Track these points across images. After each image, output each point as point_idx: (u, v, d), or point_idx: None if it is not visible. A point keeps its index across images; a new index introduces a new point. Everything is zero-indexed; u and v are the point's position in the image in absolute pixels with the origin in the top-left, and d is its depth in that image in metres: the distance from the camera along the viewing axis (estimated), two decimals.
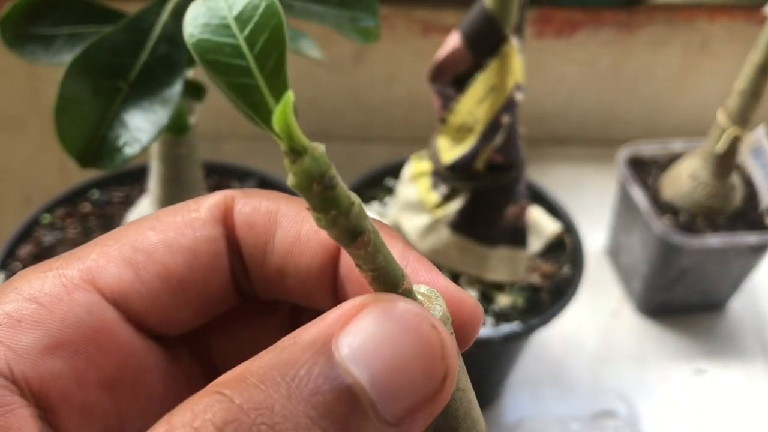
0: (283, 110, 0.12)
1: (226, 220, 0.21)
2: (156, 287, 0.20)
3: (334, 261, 0.21)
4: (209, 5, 0.13)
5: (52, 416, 0.18)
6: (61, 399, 0.18)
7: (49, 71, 0.38)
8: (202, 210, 0.21)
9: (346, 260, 0.20)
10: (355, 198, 0.14)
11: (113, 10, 0.39)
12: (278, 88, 0.13)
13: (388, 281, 0.16)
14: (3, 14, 0.36)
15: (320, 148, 0.13)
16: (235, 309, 0.23)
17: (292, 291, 0.21)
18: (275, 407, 0.14)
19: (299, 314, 0.24)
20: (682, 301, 0.65)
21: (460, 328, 0.19)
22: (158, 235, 0.20)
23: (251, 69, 0.13)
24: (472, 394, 0.19)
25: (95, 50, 0.35)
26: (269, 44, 0.13)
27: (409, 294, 0.17)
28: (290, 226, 0.21)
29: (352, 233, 0.15)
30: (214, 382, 0.15)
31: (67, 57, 0.37)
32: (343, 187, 0.14)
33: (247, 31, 0.13)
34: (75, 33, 0.38)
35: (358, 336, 0.15)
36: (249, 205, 0.21)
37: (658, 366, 0.62)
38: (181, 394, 0.22)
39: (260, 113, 0.13)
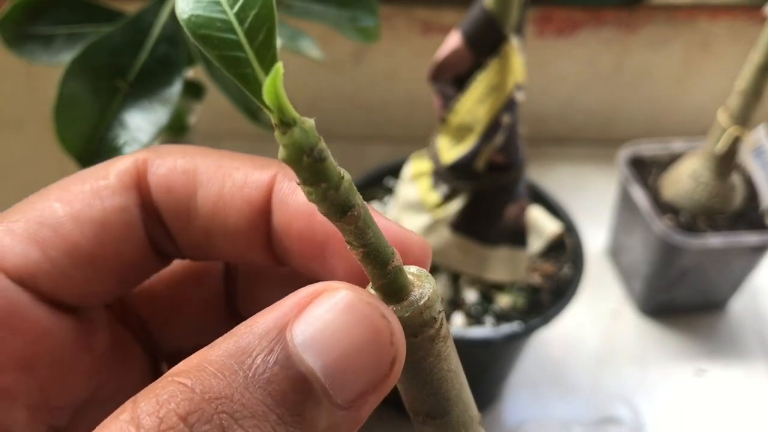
0: (272, 81, 0.12)
1: (140, 185, 0.20)
2: (65, 264, 0.19)
3: (264, 216, 0.20)
4: None
5: None
6: None
7: (48, 71, 0.38)
8: (111, 177, 0.20)
9: (281, 214, 0.20)
10: (344, 173, 0.15)
11: (113, 10, 0.39)
12: (268, 61, 0.13)
13: (379, 258, 0.16)
14: (2, 14, 0.36)
15: (309, 121, 0.14)
16: (166, 271, 0.23)
17: (223, 250, 0.21)
18: (234, 396, 0.14)
19: (234, 270, 0.24)
20: (682, 301, 0.65)
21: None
22: (65, 207, 0.19)
23: (241, 43, 0.13)
24: (463, 378, 0.19)
25: (95, 50, 0.35)
26: (259, 19, 0.13)
27: (399, 272, 0.17)
28: (211, 185, 0.20)
29: (343, 207, 0.15)
30: (173, 370, 0.15)
31: (67, 57, 0.37)
32: (333, 161, 0.14)
33: (237, 6, 0.13)
34: (74, 33, 0.38)
35: (311, 324, 0.15)
36: (164, 167, 0.20)
37: (658, 366, 0.62)
38: (112, 362, 0.21)
39: (251, 86, 0.14)
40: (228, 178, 0.20)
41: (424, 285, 0.17)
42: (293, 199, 0.20)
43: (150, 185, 0.20)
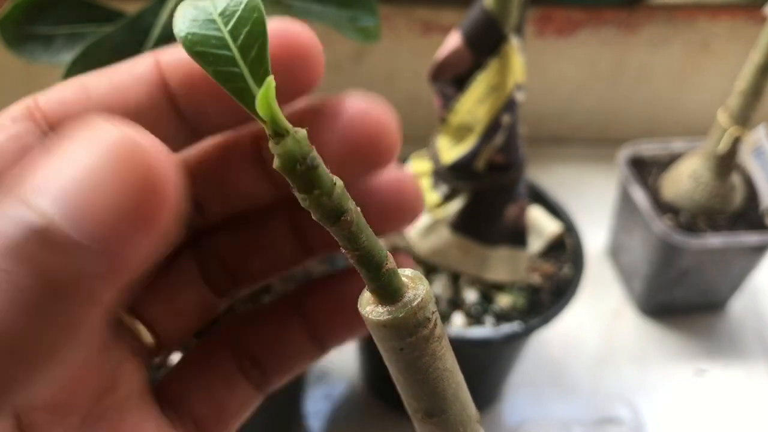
0: (265, 94, 0.13)
1: (34, 116, 0.21)
2: None
3: (163, 88, 0.21)
4: (196, 4, 0.14)
5: None
6: None
7: (48, 71, 0.38)
8: (3, 118, 0.21)
9: (176, 75, 0.21)
10: (337, 180, 0.15)
11: (113, 10, 0.39)
12: (261, 75, 0.14)
13: (373, 261, 0.16)
14: (2, 14, 0.36)
15: (302, 131, 0.14)
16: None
17: None
18: None
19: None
20: (682, 301, 0.65)
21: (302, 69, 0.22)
22: None
23: (235, 58, 0.14)
24: (460, 377, 0.19)
25: (95, 50, 0.35)
26: (251, 36, 0.14)
27: (393, 274, 0.17)
28: (101, 85, 0.21)
29: (336, 213, 0.15)
30: None
31: (67, 57, 0.37)
32: (325, 168, 0.15)
33: (230, 24, 0.14)
34: (75, 33, 0.38)
35: (51, 167, 0.14)
36: (54, 94, 0.22)
37: (658, 366, 0.62)
38: None
39: (245, 99, 0.14)
40: (114, 73, 0.21)
41: (417, 286, 0.17)
42: (181, 55, 0.20)
43: (45, 111, 0.21)
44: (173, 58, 0.21)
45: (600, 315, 0.65)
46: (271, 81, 0.13)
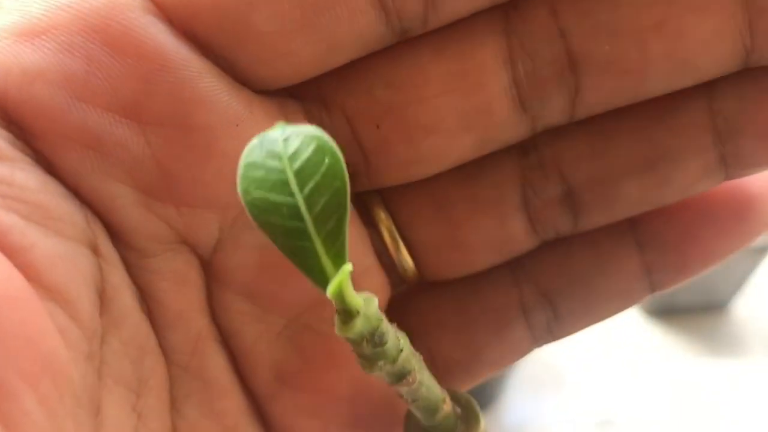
0: (339, 283, 0.12)
1: None
2: None
3: None
4: (267, 148, 0.11)
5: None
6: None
7: None
8: None
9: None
10: (403, 342, 0.14)
11: None
12: (335, 253, 0.12)
13: (429, 407, 0.16)
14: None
15: (373, 303, 0.13)
16: None
17: None
18: None
19: None
20: (684, 301, 0.65)
21: None
22: None
23: (309, 232, 0.12)
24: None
25: None
26: (329, 207, 0.11)
27: (449, 417, 0.16)
28: None
29: (399, 376, 0.14)
30: None
31: None
32: (393, 334, 0.13)
33: (307, 189, 0.11)
34: None
35: None
36: None
37: (660, 366, 0.62)
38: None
39: (315, 276, 0.12)
40: None
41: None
42: None
43: None
44: None
45: None
46: (347, 268, 0.11)
